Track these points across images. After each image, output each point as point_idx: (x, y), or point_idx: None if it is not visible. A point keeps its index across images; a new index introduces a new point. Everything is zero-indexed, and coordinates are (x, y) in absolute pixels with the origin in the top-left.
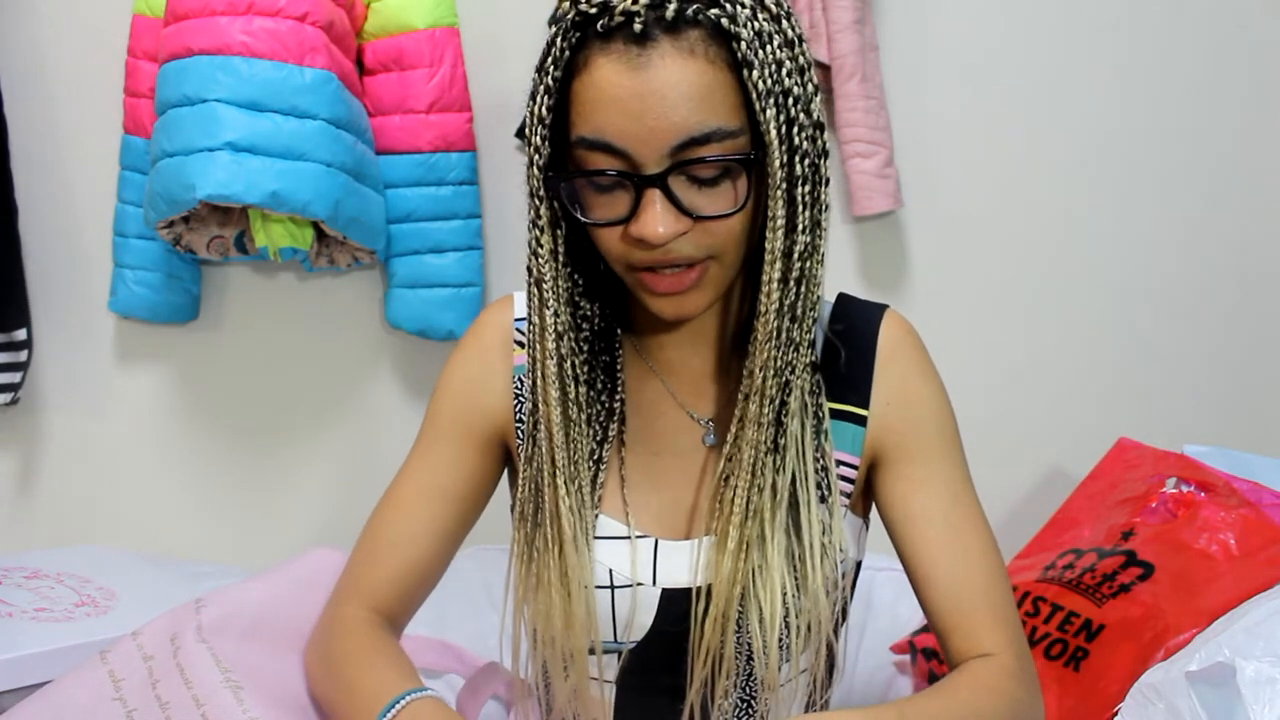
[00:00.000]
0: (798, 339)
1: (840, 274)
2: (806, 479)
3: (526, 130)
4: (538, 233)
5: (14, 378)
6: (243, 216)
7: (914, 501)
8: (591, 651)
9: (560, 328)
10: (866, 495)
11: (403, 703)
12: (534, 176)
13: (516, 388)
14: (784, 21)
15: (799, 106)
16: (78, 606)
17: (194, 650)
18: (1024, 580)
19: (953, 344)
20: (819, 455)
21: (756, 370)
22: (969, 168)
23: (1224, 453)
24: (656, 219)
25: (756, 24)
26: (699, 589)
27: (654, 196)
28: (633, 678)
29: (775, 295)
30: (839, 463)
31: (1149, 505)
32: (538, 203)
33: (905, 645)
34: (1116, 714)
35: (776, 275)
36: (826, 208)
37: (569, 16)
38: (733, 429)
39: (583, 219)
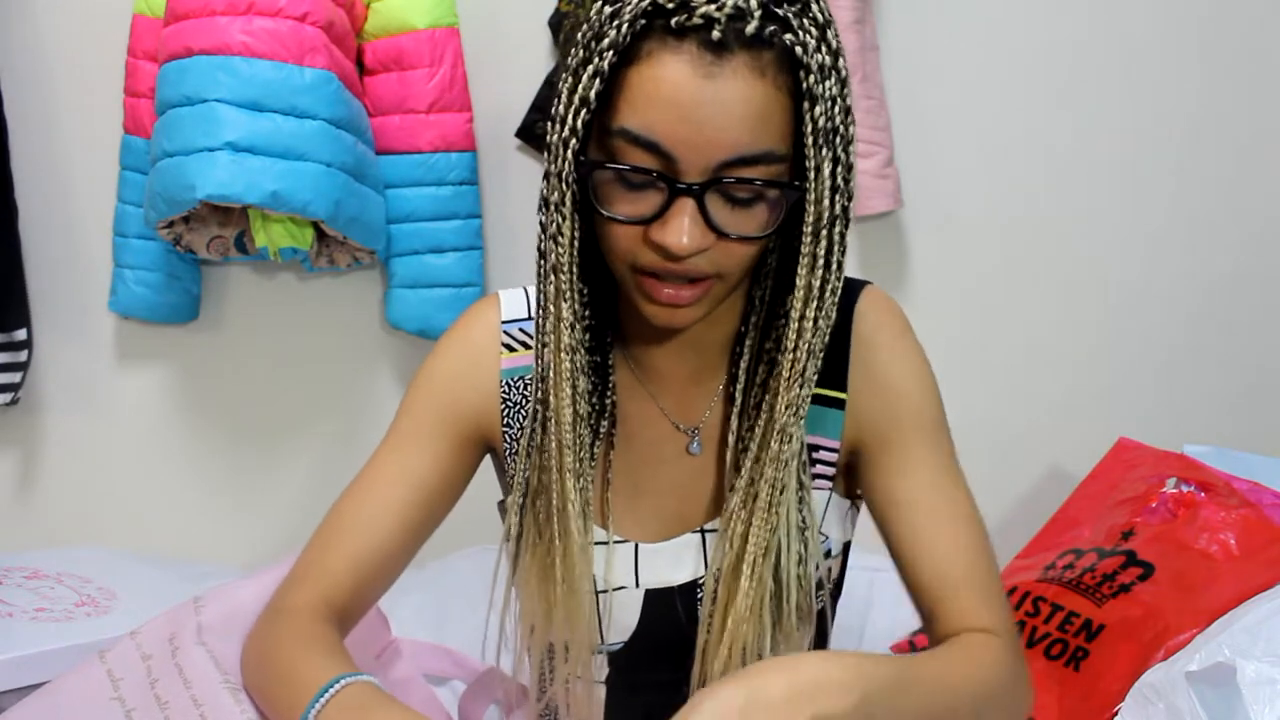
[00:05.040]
0: (812, 375)
1: None
2: (792, 508)
3: (561, 110)
4: (560, 219)
5: (14, 378)
6: (243, 216)
7: (894, 489)
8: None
9: (573, 318)
10: (850, 475)
11: (338, 686)
12: (565, 159)
13: (504, 392)
14: (840, 59)
15: (843, 147)
16: (78, 606)
17: (193, 651)
18: (1024, 580)
19: (952, 344)
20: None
21: (781, 408)
22: (969, 168)
23: (1224, 453)
24: (684, 229)
25: (821, 56)
26: (682, 587)
27: (686, 206)
28: (621, 676)
29: (808, 334)
30: (819, 447)
31: (1149, 505)
32: (564, 188)
33: (905, 645)
34: (1116, 714)
35: (811, 313)
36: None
37: (639, 3)
38: (746, 467)
39: (603, 211)
